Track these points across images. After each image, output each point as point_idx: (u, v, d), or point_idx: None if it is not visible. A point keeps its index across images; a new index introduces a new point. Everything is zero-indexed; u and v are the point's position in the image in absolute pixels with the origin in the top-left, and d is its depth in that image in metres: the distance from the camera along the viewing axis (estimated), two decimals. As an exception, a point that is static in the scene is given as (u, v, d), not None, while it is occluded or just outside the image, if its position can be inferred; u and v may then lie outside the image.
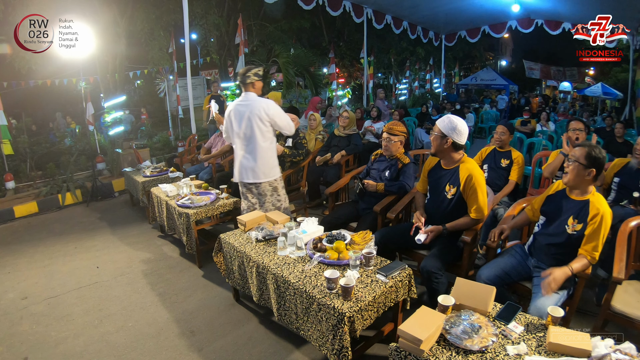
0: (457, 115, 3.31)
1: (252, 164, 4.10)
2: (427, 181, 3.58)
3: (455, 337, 2.07)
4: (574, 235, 2.74)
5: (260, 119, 4.00)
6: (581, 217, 2.72)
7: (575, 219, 2.74)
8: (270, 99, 6.73)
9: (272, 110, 4.04)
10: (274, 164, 4.22)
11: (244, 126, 4.06)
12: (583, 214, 2.72)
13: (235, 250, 3.44)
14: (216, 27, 12.65)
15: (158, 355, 3.17)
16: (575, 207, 2.78)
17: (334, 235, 3.32)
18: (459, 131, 3.19)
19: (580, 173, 2.72)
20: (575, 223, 2.74)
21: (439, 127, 3.22)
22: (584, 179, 2.73)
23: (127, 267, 4.71)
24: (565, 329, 2.06)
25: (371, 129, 8.10)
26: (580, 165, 2.71)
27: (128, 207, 7.10)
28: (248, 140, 4.09)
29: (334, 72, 14.41)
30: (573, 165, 2.75)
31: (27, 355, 3.23)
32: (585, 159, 2.69)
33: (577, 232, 2.72)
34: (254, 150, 4.08)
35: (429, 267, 3.03)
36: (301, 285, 2.72)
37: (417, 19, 13.11)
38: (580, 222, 2.71)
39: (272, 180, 4.20)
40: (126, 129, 10.64)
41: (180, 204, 4.57)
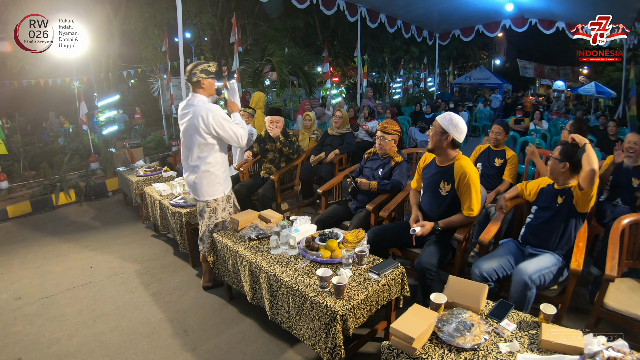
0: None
1: (191, 178, 3.69)
2: (421, 178, 3.60)
3: (447, 335, 2.08)
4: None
5: (198, 130, 3.46)
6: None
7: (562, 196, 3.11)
8: (254, 98, 6.76)
9: (212, 119, 3.43)
10: (216, 182, 3.69)
11: (184, 135, 3.60)
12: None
13: (228, 249, 3.44)
14: (210, 26, 12.61)
15: (151, 354, 3.17)
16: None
17: (327, 233, 3.33)
18: (460, 129, 3.22)
19: (556, 167, 3.10)
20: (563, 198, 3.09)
21: (440, 123, 3.22)
22: (559, 171, 3.08)
23: (121, 266, 4.70)
24: (558, 327, 2.07)
25: (365, 128, 8.11)
26: (555, 160, 3.09)
27: (121, 206, 7.09)
28: (189, 151, 3.61)
29: (328, 71, 14.39)
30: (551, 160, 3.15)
31: (20, 355, 3.23)
32: (560, 154, 3.07)
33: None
34: (194, 165, 3.63)
35: (423, 263, 3.05)
36: (294, 284, 2.72)
37: (411, 17, 13.09)
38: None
39: (211, 200, 3.74)
40: (120, 128, 10.61)
41: (174, 203, 4.57)
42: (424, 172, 3.57)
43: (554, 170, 3.13)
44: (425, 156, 3.60)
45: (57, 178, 7.59)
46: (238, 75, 10.11)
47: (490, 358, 1.96)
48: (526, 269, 2.73)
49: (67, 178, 7.73)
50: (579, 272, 2.69)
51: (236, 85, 4.11)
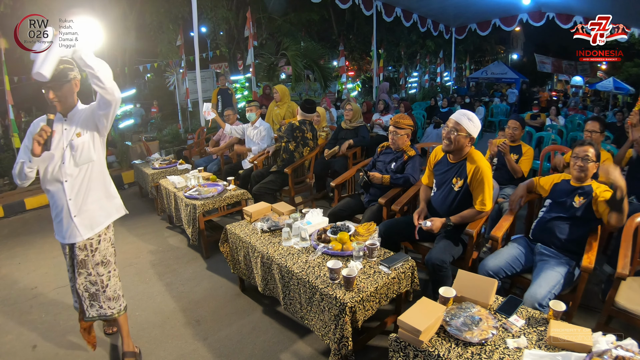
0: (466, 109, 3.32)
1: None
2: (433, 174, 3.58)
3: (455, 329, 2.07)
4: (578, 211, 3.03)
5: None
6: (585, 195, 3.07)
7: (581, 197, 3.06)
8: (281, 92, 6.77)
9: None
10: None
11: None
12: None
13: (240, 240, 3.48)
14: (225, 21, 12.67)
15: (164, 343, 3.22)
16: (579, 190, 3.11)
17: (338, 226, 3.35)
18: (478, 126, 3.23)
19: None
20: (582, 200, 3.04)
21: (465, 128, 3.18)
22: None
23: (135, 257, 4.76)
24: (567, 324, 2.05)
25: (379, 122, 8.10)
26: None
27: (137, 198, 7.16)
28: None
29: (344, 65, 14.39)
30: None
31: (36, 343, 3.29)
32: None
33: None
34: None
35: (434, 259, 3.03)
36: (304, 276, 2.74)
37: (427, 11, 13.04)
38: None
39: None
40: (136, 122, 10.73)
41: (188, 195, 4.60)
42: (435, 169, 3.54)
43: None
44: (436, 152, 3.57)
45: (74, 170, 7.68)
46: (253, 69, 10.15)
47: (497, 353, 1.95)
48: (536, 295, 2.62)
49: (83, 170, 7.81)
50: (591, 269, 2.65)
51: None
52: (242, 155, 6.28)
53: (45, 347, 3.25)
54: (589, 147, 3.05)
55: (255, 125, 5.96)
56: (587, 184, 3.06)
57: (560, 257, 2.93)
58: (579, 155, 3.07)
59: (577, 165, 3.06)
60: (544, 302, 2.55)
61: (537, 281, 2.72)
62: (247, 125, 6.07)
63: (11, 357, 3.17)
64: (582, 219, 2.99)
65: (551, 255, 2.99)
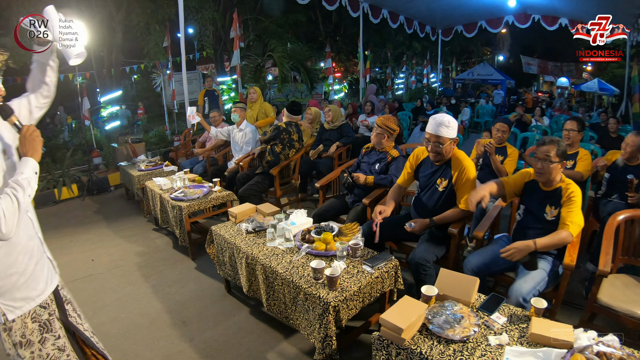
0: (452, 110, 3.36)
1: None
2: (411, 175, 3.59)
3: (437, 327, 2.10)
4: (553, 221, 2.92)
5: None
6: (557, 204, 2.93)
7: (552, 206, 2.93)
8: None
9: None
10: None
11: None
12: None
13: (226, 242, 3.50)
14: (212, 22, 12.64)
15: (150, 344, 3.23)
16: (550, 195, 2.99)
17: (322, 227, 3.38)
18: (456, 126, 3.25)
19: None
20: (552, 209, 2.93)
21: (448, 137, 3.18)
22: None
23: (122, 259, 4.76)
24: (549, 321, 2.08)
25: (365, 124, 8.15)
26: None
27: (123, 201, 7.15)
28: None
29: (330, 67, 14.42)
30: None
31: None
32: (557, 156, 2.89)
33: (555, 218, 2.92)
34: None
35: (417, 259, 3.07)
36: (288, 276, 2.77)
37: (414, 13, 13.10)
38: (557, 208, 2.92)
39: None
40: (122, 123, 10.68)
41: (174, 197, 4.62)
42: (419, 172, 3.54)
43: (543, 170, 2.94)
44: (417, 154, 3.57)
45: (60, 173, 7.65)
46: (239, 70, 10.14)
47: (479, 350, 1.98)
48: (521, 290, 2.64)
49: (69, 173, 7.79)
50: (572, 267, 2.69)
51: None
52: (228, 156, 6.29)
53: None
54: (550, 146, 2.86)
55: (240, 128, 5.96)
56: (557, 187, 2.93)
57: (544, 257, 2.95)
58: (538, 156, 2.90)
59: (537, 168, 2.93)
60: (529, 297, 2.58)
61: (522, 277, 2.76)
62: (233, 127, 6.08)
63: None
64: (557, 227, 2.86)
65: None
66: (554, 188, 2.94)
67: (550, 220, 2.92)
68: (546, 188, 2.99)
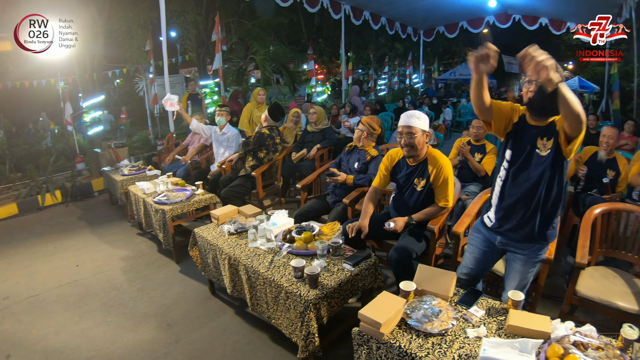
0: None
1: None
2: (387, 177, 3.58)
3: (415, 321, 2.15)
4: None
5: None
6: None
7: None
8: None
9: None
10: None
11: None
12: None
13: (208, 243, 3.55)
14: (194, 25, 12.63)
15: (136, 348, 3.26)
16: None
17: (303, 226, 3.45)
18: (426, 120, 3.28)
19: None
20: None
21: (419, 127, 3.21)
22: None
23: (106, 264, 4.78)
24: (526, 313, 2.13)
25: (347, 124, 8.22)
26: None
27: (107, 206, 7.14)
28: None
29: (313, 69, 14.49)
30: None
31: (9, 353, 3.29)
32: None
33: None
34: None
35: (397, 255, 3.13)
36: (270, 275, 2.83)
37: (395, 14, 13.20)
38: None
39: None
40: (105, 128, 10.63)
41: (157, 200, 4.65)
42: (394, 173, 3.54)
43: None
44: (391, 155, 3.57)
45: (43, 179, 7.61)
46: (221, 74, 10.17)
47: (458, 343, 2.03)
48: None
49: (53, 179, 7.75)
50: (551, 260, 2.72)
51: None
52: (211, 159, 6.33)
53: (19, 357, 3.26)
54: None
55: (223, 131, 5.98)
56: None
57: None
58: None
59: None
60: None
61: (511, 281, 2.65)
62: (215, 128, 6.10)
63: (-18, 366, 3.18)
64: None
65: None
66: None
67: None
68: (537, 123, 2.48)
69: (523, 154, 2.43)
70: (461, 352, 1.97)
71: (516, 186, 2.46)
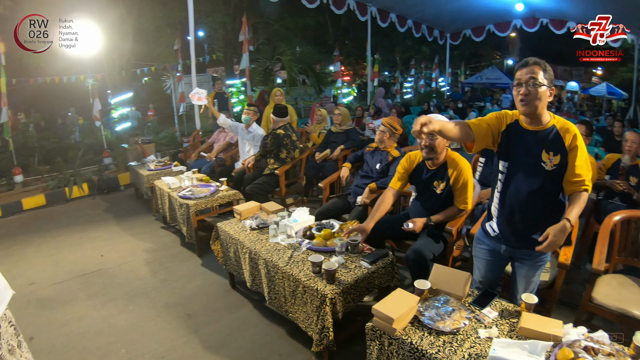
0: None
1: None
2: (405, 179, 3.56)
3: (428, 319, 2.17)
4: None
5: None
6: None
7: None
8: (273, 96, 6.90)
9: None
10: None
11: None
12: None
13: (230, 237, 3.62)
14: (222, 25, 12.77)
15: (156, 335, 3.35)
16: None
17: (323, 224, 3.49)
18: None
19: None
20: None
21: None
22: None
23: (131, 255, 4.90)
24: (539, 316, 2.11)
25: (371, 126, 8.25)
26: None
27: (133, 200, 7.30)
28: None
29: (339, 70, 14.53)
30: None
31: (33, 335, 3.41)
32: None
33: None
34: None
35: (414, 255, 3.14)
36: (288, 270, 2.88)
37: (422, 17, 13.14)
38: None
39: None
40: (132, 125, 10.83)
41: (182, 195, 4.75)
42: (414, 177, 3.53)
43: None
44: (410, 158, 3.55)
45: (71, 172, 7.81)
46: (247, 74, 10.28)
47: (468, 342, 2.04)
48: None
49: (80, 172, 7.95)
50: (567, 265, 2.71)
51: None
52: (235, 157, 6.41)
53: (42, 339, 3.37)
54: (535, 66, 2.19)
55: (249, 130, 6.05)
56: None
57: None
58: (522, 80, 2.20)
59: (520, 94, 2.21)
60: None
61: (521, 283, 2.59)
62: (242, 126, 6.17)
63: (8, 348, 3.29)
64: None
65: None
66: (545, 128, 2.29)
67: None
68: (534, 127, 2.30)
69: (520, 164, 2.31)
70: (471, 352, 1.98)
71: (515, 197, 2.35)
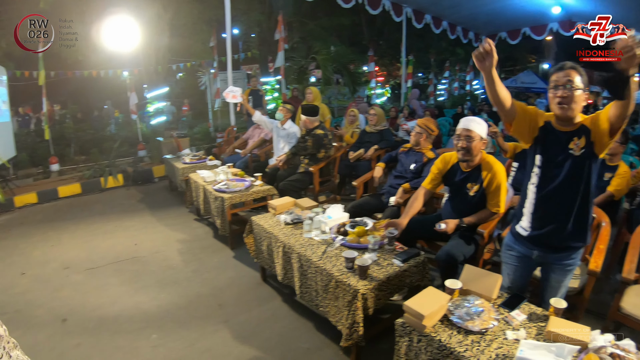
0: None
1: None
2: (439, 180, 3.56)
3: (458, 318, 2.19)
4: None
5: None
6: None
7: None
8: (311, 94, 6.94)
9: None
10: None
11: None
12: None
13: (264, 231, 3.66)
14: (257, 23, 12.87)
15: (186, 323, 3.42)
16: None
17: (357, 221, 3.51)
18: (486, 127, 3.30)
19: None
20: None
21: (478, 132, 3.23)
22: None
23: (164, 245, 5.00)
24: (567, 321, 2.09)
25: (405, 127, 8.21)
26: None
27: (167, 192, 7.44)
28: None
29: (373, 71, 14.48)
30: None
31: (66, 317, 3.53)
32: None
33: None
34: None
35: (445, 256, 3.14)
36: (322, 264, 2.91)
37: (457, 19, 12.99)
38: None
39: None
40: (167, 119, 11.02)
41: (217, 188, 4.83)
42: (448, 178, 3.53)
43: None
44: (445, 159, 3.54)
45: (107, 163, 8.00)
46: (283, 71, 10.34)
47: (496, 343, 2.04)
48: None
49: (115, 163, 8.15)
50: (597, 272, 2.67)
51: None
52: (270, 153, 6.47)
53: (75, 321, 3.49)
54: (571, 70, 2.37)
55: (284, 127, 6.08)
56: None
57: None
58: (559, 83, 2.36)
59: (557, 96, 2.35)
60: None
61: (552, 288, 2.57)
62: (277, 123, 6.21)
63: (41, 328, 3.41)
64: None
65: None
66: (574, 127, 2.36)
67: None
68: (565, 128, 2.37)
69: (555, 157, 2.36)
70: (499, 352, 1.98)
71: (550, 190, 2.38)
